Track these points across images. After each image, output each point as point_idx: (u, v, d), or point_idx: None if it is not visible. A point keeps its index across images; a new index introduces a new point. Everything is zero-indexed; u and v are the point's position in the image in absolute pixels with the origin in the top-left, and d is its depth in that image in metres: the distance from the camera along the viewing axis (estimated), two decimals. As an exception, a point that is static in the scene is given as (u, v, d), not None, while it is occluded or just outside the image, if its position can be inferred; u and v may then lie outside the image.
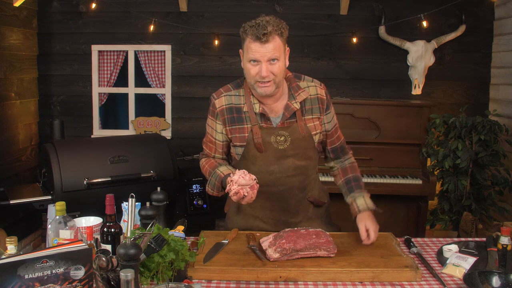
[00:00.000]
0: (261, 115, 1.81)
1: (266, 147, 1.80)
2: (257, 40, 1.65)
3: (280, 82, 1.75)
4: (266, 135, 1.80)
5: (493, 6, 3.93)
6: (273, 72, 1.70)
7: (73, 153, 2.94)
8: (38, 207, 2.94)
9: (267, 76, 1.69)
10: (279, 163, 1.82)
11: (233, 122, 1.84)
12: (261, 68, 1.68)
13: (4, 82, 3.49)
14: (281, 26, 1.69)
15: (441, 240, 1.97)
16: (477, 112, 3.74)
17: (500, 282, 1.48)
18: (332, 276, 1.57)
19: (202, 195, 3.75)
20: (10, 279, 1.22)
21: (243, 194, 1.60)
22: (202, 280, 1.56)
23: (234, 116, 1.84)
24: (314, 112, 1.85)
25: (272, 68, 1.69)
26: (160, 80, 4.18)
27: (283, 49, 1.72)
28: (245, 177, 1.61)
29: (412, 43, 3.89)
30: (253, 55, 1.68)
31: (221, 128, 1.88)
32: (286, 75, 1.84)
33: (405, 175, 3.53)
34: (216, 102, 1.89)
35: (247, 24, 1.69)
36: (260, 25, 1.65)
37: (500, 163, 3.41)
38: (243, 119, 1.82)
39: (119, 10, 3.99)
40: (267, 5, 4.05)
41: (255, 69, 1.70)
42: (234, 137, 1.85)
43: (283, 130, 1.80)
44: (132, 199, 1.45)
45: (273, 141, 1.80)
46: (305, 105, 1.83)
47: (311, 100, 1.84)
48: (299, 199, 1.91)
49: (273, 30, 1.65)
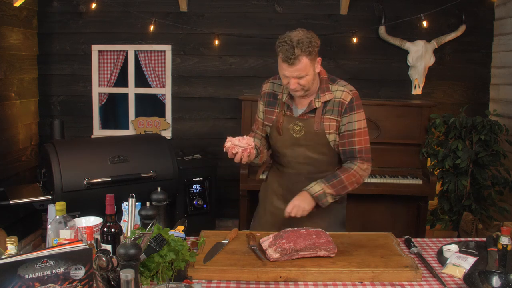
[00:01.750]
0: (287, 105, 2.04)
1: (284, 132, 2.03)
2: (285, 62, 1.84)
3: (309, 88, 1.94)
4: (286, 122, 2.03)
5: (493, 6, 3.93)
6: (301, 84, 1.89)
7: (73, 153, 2.94)
8: (38, 207, 2.94)
9: (294, 88, 1.90)
10: (292, 148, 2.04)
11: (269, 105, 2.10)
12: (289, 81, 1.88)
13: (4, 82, 3.49)
14: (310, 45, 1.83)
15: (441, 240, 1.97)
16: (477, 112, 3.74)
17: (500, 282, 1.48)
18: (332, 276, 1.57)
19: (202, 195, 3.75)
20: (10, 279, 1.22)
21: (232, 152, 1.85)
22: (202, 280, 1.56)
23: (271, 100, 2.10)
24: (333, 114, 1.99)
25: (300, 81, 1.88)
26: (160, 80, 4.18)
27: (311, 65, 1.87)
28: (242, 140, 1.86)
29: (412, 43, 3.89)
30: (283, 72, 1.89)
31: (262, 108, 2.14)
32: (321, 76, 2.01)
33: (405, 175, 3.53)
34: (263, 86, 2.15)
35: (280, 39, 1.87)
36: (290, 46, 1.81)
37: (500, 163, 3.41)
38: (276, 104, 2.08)
39: (119, 10, 3.99)
40: (267, 5, 4.05)
41: (286, 80, 1.91)
42: (266, 118, 2.11)
43: (300, 121, 2.00)
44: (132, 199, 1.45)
45: (290, 128, 2.02)
46: (327, 106, 2.00)
47: (333, 102, 1.99)
48: (305, 185, 2.00)
49: (300, 53, 1.81)
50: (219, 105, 4.15)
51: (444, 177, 3.52)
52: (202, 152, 4.17)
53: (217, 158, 4.12)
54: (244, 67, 4.11)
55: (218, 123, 4.18)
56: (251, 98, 3.65)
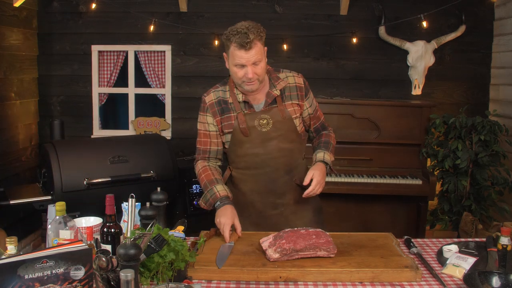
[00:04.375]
0: (245, 103, 2.00)
1: (251, 131, 1.98)
2: (241, 48, 1.84)
3: (263, 78, 1.96)
4: (250, 120, 1.98)
5: (493, 6, 3.93)
6: (257, 73, 1.89)
7: (73, 153, 2.94)
8: (38, 207, 2.94)
9: (252, 77, 1.89)
10: (263, 145, 1.99)
11: (222, 113, 2.02)
12: (247, 71, 1.88)
13: (4, 82, 3.49)
14: (260, 30, 1.88)
15: (441, 240, 1.97)
16: (477, 112, 3.74)
17: (500, 282, 1.48)
18: (332, 276, 1.57)
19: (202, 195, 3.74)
20: (10, 279, 1.22)
21: None
22: (202, 280, 1.56)
23: (222, 107, 2.02)
24: (293, 99, 2.03)
25: (256, 69, 1.89)
26: (160, 80, 4.18)
27: (263, 50, 1.91)
28: None
29: (412, 43, 3.89)
30: (239, 61, 1.87)
31: (212, 120, 2.04)
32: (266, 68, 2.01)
33: (405, 175, 3.52)
34: (206, 98, 2.07)
35: (229, 32, 1.87)
36: (242, 33, 1.83)
37: (500, 163, 3.41)
38: (230, 109, 2.01)
39: (119, 10, 3.99)
40: (267, 5, 4.05)
41: (241, 72, 1.89)
42: (223, 126, 2.02)
43: (265, 114, 1.98)
44: (132, 199, 1.45)
45: (256, 124, 1.98)
46: (285, 92, 2.03)
47: (290, 88, 2.04)
48: (285, 180, 2.04)
49: (254, 37, 1.84)
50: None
51: (444, 177, 3.52)
52: (202, 152, 4.16)
53: (217, 158, 4.11)
54: (244, 67, 4.11)
55: (218, 123, 4.17)
56: (251, 98, 3.65)
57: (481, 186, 3.44)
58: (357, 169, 3.55)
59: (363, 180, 3.44)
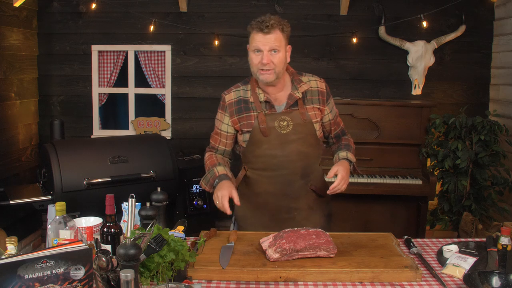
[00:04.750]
0: (266, 103, 1.98)
1: (270, 131, 1.95)
2: (260, 32, 1.85)
3: (280, 72, 1.91)
4: (270, 121, 1.96)
5: (493, 6, 3.93)
6: (273, 62, 1.87)
7: (73, 153, 2.94)
8: (38, 207, 2.94)
9: (267, 63, 1.86)
10: (282, 147, 1.96)
11: (241, 112, 2.00)
12: (262, 56, 1.86)
13: (4, 82, 3.49)
14: (283, 23, 1.90)
15: (441, 240, 1.97)
16: (477, 112, 3.74)
17: (500, 282, 1.48)
18: (332, 276, 1.57)
19: (202, 195, 3.75)
20: (10, 279, 1.22)
21: None
22: (202, 280, 1.56)
23: (241, 107, 2.01)
24: (314, 103, 2.01)
25: (272, 57, 1.87)
26: (160, 80, 4.18)
27: (284, 43, 1.90)
28: None
29: (412, 43, 3.89)
30: (256, 44, 1.87)
31: (228, 120, 2.04)
32: (289, 70, 2.03)
33: (405, 175, 3.53)
34: (226, 97, 2.06)
35: (253, 20, 1.90)
36: (264, 20, 1.86)
37: (500, 163, 3.41)
38: (250, 108, 1.99)
39: (119, 10, 3.99)
40: (267, 5, 4.05)
41: (258, 58, 1.88)
42: (242, 125, 2.01)
43: (286, 116, 1.96)
44: (132, 199, 1.45)
45: (276, 125, 1.95)
46: (307, 96, 2.01)
47: (312, 92, 2.02)
48: (300, 184, 2.01)
49: (275, 24, 1.85)
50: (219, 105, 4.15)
51: (444, 177, 3.52)
52: (202, 152, 4.15)
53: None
54: (244, 67, 4.11)
55: (218, 123, 4.17)
56: (251, 98, 3.65)
57: (481, 186, 3.44)
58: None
59: (363, 180, 3.44)
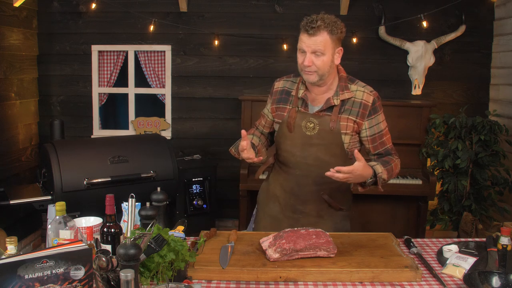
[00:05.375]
0: (303, 100, 1.95)
1: (296, 129, 1.93)
2: (305, 32, 1.82)
3: (324, 74, 1.86)
4: (299, 118, 1.93)
5: (493, 6, 3.93)
6: (316, 64, 1.82)
7: (73, 153, 2.94)
8: (38, 207, 2.94)
9: (309, 66, 1.82)
10: (303, 148, 1.94)
11: (280, 102, 2.00)
12: (305, 58, 1.82)
13: (4, 82, 3.49)
14: (334, 25, 1.83)
15: (441, 240, 1.97)
16: (477, 112, 3.74)
17: (500, 282, 1.48)
18: (332, 276, 1.57)
19: (202, 195, 3.75)
20: (10, 279, 1.22)
21: None
22: (202, 280, 1.56)
23: (282, 97, 2.01)
24: (351, 114, 1.91)
25: (315, 60, 1.82)
26: (160, 80, 4.18)
27: (331, 45, 1.83)
28: None
29: (412, 43, 3.89)
30: (301, 45, 1.84)
31: (270, 106, 2.06)
32: (340, 74, 1.95)
33: (405, 175, 3.52)
34: (276, 84, 2.07)
35: (305, 17, 1.85)
36: (313, 19, 1.81)
37: (500, 163, 3.41)
38: (289, 101, 1.98)
39: (119, 10, 4.00)
40: (267, 5, 4.05)
41: (301, 58, 1.85)
42: (276, 115, 2.01)
43: (315, 118, 1.92)
44: (132, 199, 1.45)
45: (303, 125, 1.92)
46: (346, 105, 1.92)
47: (353, 102, 1.91)
48: (312, 190, 1.97)
49: (322, 26, 1.80)
50: (219, 105, 4.16)
51: (444, 177, 3.52)
52: (202, 152, 4.17)
53: (217, 158, 4.12)
54: (244, 67, 4.11)
55: (218, 124, 4.18)
56: (250, 99, 3.65)
57: (481, 186, 3.44)
58: (357, 169, 3.54)
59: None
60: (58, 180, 2.80)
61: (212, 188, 3.81)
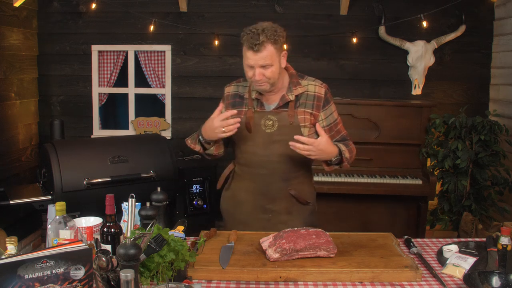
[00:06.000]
0: (258, 101, 1.99)
1: (256, 129, 1.96)
2: (250, 49, 1.82)
3: (275, 82, 1.91)
4: (257, 118, 1.97)
5: (493, 6, 3.93)
6: (266, 76, 1.86)
7: (73, 153, 2.94)
8: (38, 207, 2.94)
9: (259, 80, 1.86)
10: (265, 146, 1.97)
11: (235, 106, 2.03)
12: (255, 72, 1.85)
13: (4, 82, 3.49)
14: (276, 34, 1.84)
15: (441, 240, 1.97)
16: (477, 112, 3.74)
17: (500, 282, 1.48)
18: (332, 276, 1.57)
19: (202, 195, 3.75)
20: (10, 279, 1.22)
21: None
22: (202, 280, 1.56)
23: (236, 101, 2.04)
24: (307, 107, 1.98)
25: (265, 72, 1.85)
26: (160, 80, 4.18)
27: (277, 54, 1.86)
28: None
29: (412, 43, 3.89)
30: (248, 62, 1.86)
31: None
32: (290, 71, 2.01)
33: (405, 175, 3.52)
34: (226, 89, 2.11)
35: (245, 31, 1.85)
36: (254, 33, 1.81)
37: (500, 163, 3.41)
38: (243, 104, 2.02)
39: (119, 10, 3.99)
40: (267, 5, 4.05)
41: (251, 72, 1.88)
42: None
43: (273, 115, 1.96)
44: (132, 199, 1.45)
45: (262, 124, 1.96)
46: (300, 99, 1.98)
47: (307, 96, 1.99)
48: (279, 187, 2.01)
49: (265, 40, 1.81)
50: None
51: (444, 177, 3.52)
52: (202, 152, 4.16)
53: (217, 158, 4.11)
54: (244, 67, 4.11)
55: (218, 123, 4.17)
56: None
57: (481, 186, 3.44)
58: (357, 169, 3.54)
59: (363, 180, 3.44)
60: (58, 180, 2.80)
61: (212, 188, 3.81)
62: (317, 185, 3.40)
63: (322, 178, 3.43)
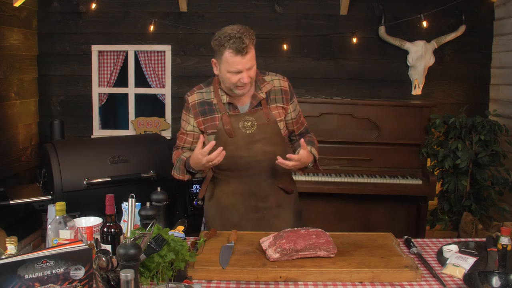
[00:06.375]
0: (229, 104, 2.00)
1: (235, 132, 1.97)
2: (238, 54, 1.84)
3: (253, 81, 1.96)
4: (234, 121, 1.98)
5: (493, 6, 3.93)
6: (251, 76, 1.91)
7: (73, 153, 2.94)
8: (38, 207, 2.94)
9: (248, 82, 1.89)
10: (248, 148, 1.98)
11: (205, 114, 2.03)
12: (242, 76, 1.87)
13: (4, 82, 3.49)
14: (252, 35, 1.90)
15: (441, 240, 1.97)
16: (477, 112, 3.74)
17: (500, 282, 1.48)
18: (332, 276, 1.57)
19: (202, 195, 3.74)
20: (10, 279, 1.22)
21: None
22: (202, 280, 1.56)
23: (205, 109, 2.03)
24: (278, 102, 2.04)
25: (250, 73, 1.90)
26: (160, 80, 4.18)
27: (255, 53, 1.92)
28: None
29: (412, 43, 3.89)
30: (235, 67, 1.86)
31: (193, 121, 2.06)
32: None
33: (405, 175, 3.52)
34: (189, 99, 2.10)
35: (221, 37, 1.85)
36: (237, 37, 1.82)
37: (500, 163, 3.41)
38: (214, 110, 2.02)
39: (119, 10, 3.99)
40: (267, 5, 4.05)
41: (236, 78, 1.88)
42: (206, 127, 2.03)
43: (250, 116, 1.99)
44: (132, 199, 1.45)
45: (241, 126, 1.98)
46: (270, 95, 2.04)
47: (275, 91, 2.05)
48: (268, 184, 2.05)
49: (248, 42, 1.85)
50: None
51: (444, 177, 3.52)
52: (202, 152, 4.16)
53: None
54: (244, 67, 4.10)
55: (218, 123, 4.17)
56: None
57: (481, 186, 3.44)
58: (357, 169, 3.55)
59: (363, 180, 3.44)
60: (58, 180, 2.81)
61: (212, 188, 3.80)
62: (317, 185, 3.41)
63: (322, 178, 3.43)
